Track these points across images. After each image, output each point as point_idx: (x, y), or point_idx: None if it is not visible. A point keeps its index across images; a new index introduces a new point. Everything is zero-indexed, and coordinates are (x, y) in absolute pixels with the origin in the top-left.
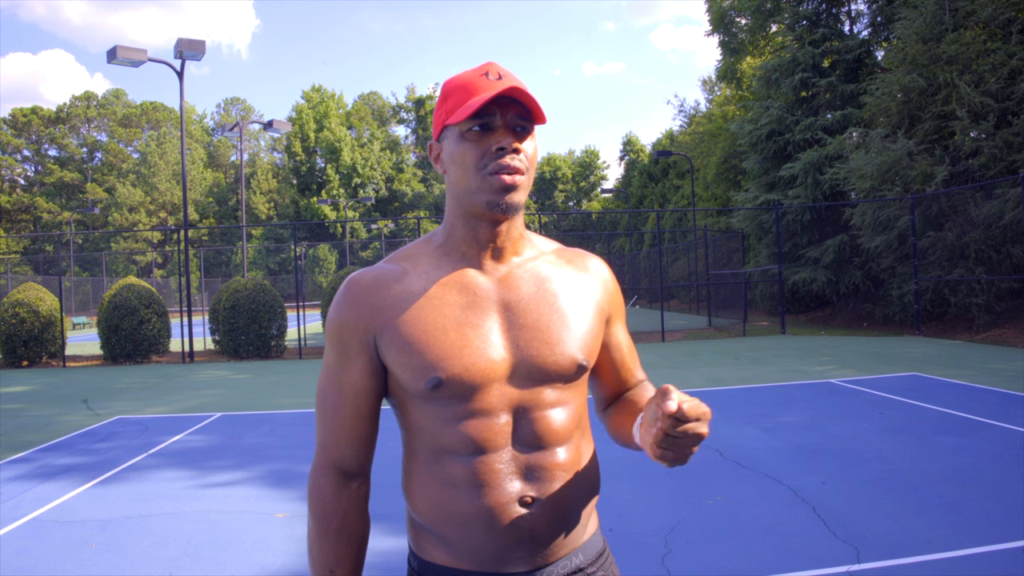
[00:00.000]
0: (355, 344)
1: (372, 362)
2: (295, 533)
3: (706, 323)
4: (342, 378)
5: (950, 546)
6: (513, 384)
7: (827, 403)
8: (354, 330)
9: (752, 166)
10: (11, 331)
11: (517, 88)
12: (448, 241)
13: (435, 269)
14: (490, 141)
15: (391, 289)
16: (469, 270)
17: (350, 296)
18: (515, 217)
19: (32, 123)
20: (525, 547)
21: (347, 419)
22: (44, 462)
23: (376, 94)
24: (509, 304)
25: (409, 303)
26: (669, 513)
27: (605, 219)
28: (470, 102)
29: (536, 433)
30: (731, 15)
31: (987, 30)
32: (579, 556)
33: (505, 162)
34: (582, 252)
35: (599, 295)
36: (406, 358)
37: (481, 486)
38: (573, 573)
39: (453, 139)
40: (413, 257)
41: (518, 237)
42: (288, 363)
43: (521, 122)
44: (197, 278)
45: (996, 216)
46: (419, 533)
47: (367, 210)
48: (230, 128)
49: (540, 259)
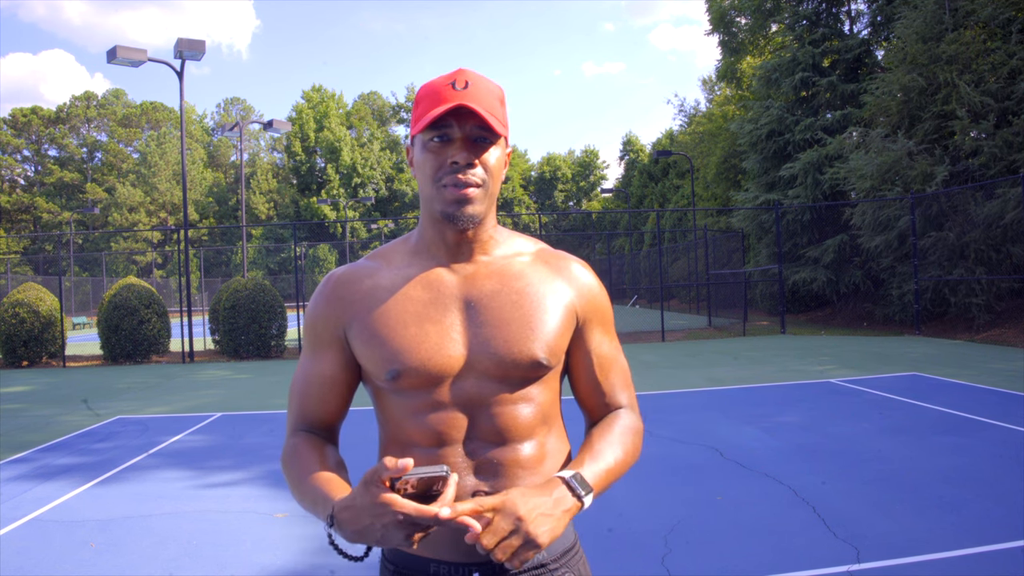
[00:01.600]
0: (326, 335)
1: (343, 353)
2: (295, 533)
3: (706, 323)
4: (311, 367)
5: (950, 546)
6: (472, 379)
7: (827, 403)
8: (325, 322)
9: (752, 166)
10: (11, 331)
11: (467, 105)
12: (420, 241)
13: (406, 267)
14: (447, 153)
15: (362, 284)
16: (437, 268)
17: (324, 291)
18: (481, 222)
19: (32, 123)
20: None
21: (312, 403)
22: (44, 462)
23: (376, 94)
24: (471, 301)
25: (377, 298)
26: (669, 513)
27: (605, 219)
28: (429, 114)
29: (496, 428)
30: (731, 15)
31: (987, 30)
32: (542, 553)
33: (458, 177)
34: (565, 255)
35: (571, 297)
36: (370, 350)
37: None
38: (535, 568)
39: (418, 147)
40: (388, 255)
41: (487, 239)
42: (288, 363)
43: (481, 132)
44: (197, 278)
45: (996, 216)
46: None
47: (367, 210)
48: (230, 128)
49: (514, 259)
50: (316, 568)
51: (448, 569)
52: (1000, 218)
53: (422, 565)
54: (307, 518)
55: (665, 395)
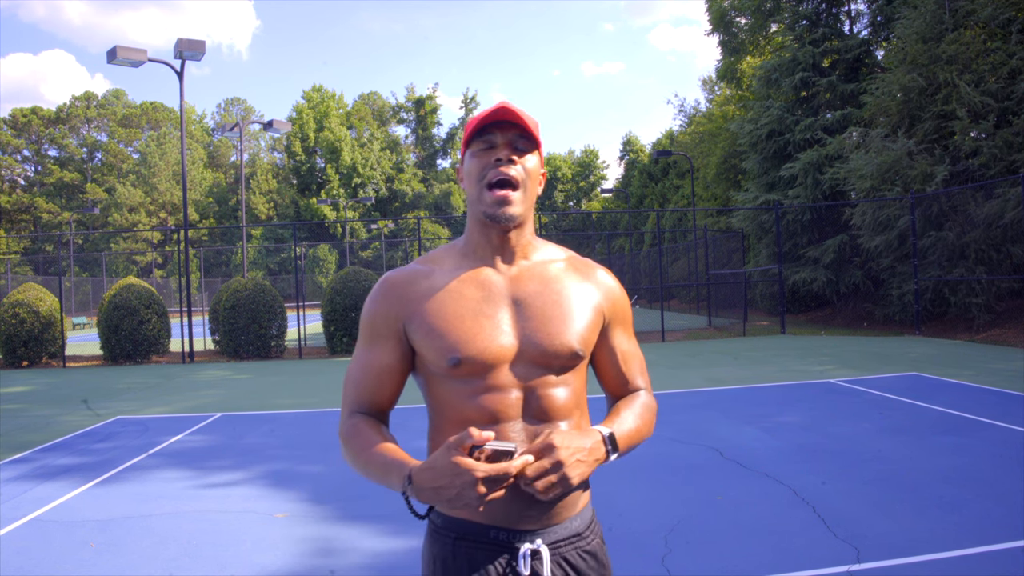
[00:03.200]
0: (385, 330)
1: (401, 346)
2: (295, 533)
3: (706, 323)
4: (370, 358)
5: (950, 546)
6: (521, 365)
7: (827, 403)
8: (385, 318)
9: (752, 166)
10: (11, 331)
11: (507, 108)
12: (467, 245)
13: (457, 268)
14: (491, 155)
15: (420, 285)
16: (485, 269)
17: (383, 291)
18: (522, 226)
19: (32, 123)
20: (534, 508)
21: (368, 390)
22: (44, 462)
23: (376, 94)
24: (518, 299)
25: (434, 296)
26: (669, 513)
27: (605, 219)
28: (477, 121)
29: (543, 408)
30: (731, 15)
31: (987, 30)
32: (577, 521)
33: (501, 169)
34: (592, 263)
35: (599, 299)
36: (431, 341)
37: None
38: (572, 536)
39: (467, 158)
40: (438, 259)
41: (526, 243)
42: (288, 363)
43: (521, 141)
44: (197, 278)
45: (996, 216)
46: None
47: (367, 210)
48: (230, 128)
49: (550, 264)
50: (316, 568)
51: (505, 534)
52: (1000, 218)
53: (481, 531)
54: (307, 518)
55: (665, 395)
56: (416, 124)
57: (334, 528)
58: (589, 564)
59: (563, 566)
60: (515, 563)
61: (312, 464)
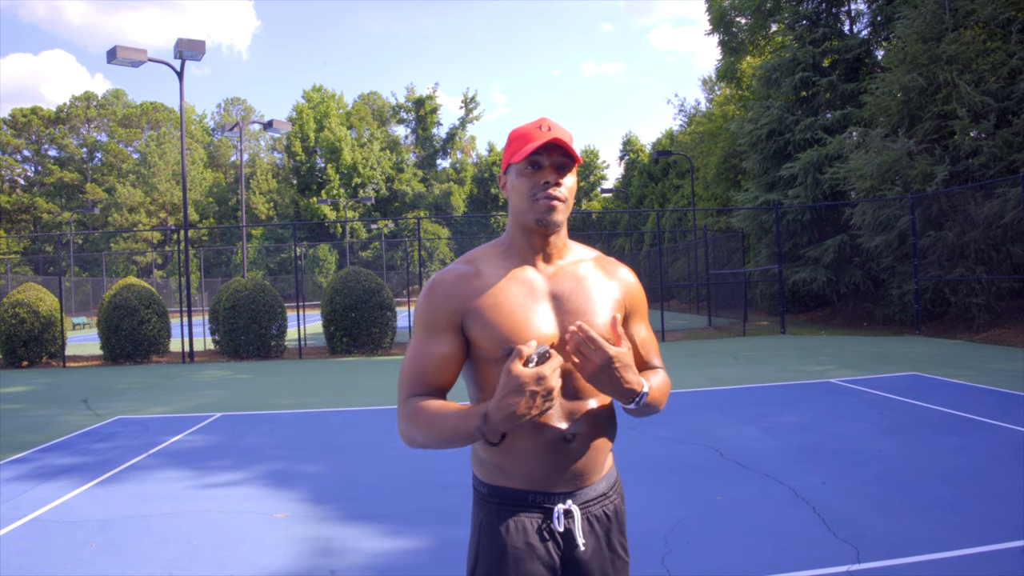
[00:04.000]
0: (444, 322)
1: (458, 337)
2: (295, 533)
3: (706, 323)
4: (432, 348)
5: (950, 546)
6: (561, 352)
7: (827, 403)
8: (445, 313)
9: (752, 166)
10: (11, 331)
11: (559, 139)
12: (510, 247)
13: (501, 268)
14: (539, 177)
15: (472, 283)
16: (527, 268)
17: (440, 289)
18: (559, 231)
19: (32, 123)
20: (567, 472)
21: (431, 374)
22: (44, 462)
23: (376, 94)
24: (556, 295)
25: (487, 293)
26: (669, 513)
27: (605, 219)
28: (526, 148)
29: (577, 387)
30: (731, 14)
31: (987, 29)
32: (603, 483)
33: (550, 192)
34: (615, 261)
35: (621, 294)
36: (488, 332)
37: (536, 426)
38: (599, 496)
39: (514, 174)
40: (483, 259)
41: (562, 246)
42: (288, 363)
43: (563, 160)
44: (197, 278)
45: (996, 216)
46: (485, 467)
47: (367, 210)
48: (230, 128)
49: (580, 263)
50: (316, 568)
51: (542, 497)
52: (1000, 218)
53: (521, 496)
54: (307, 518)
55: None
56: (416, 124)
57: (334, 528)
58: (611, 520)
59: (590, 520)
60: (550, 521)
61: (312, 464)
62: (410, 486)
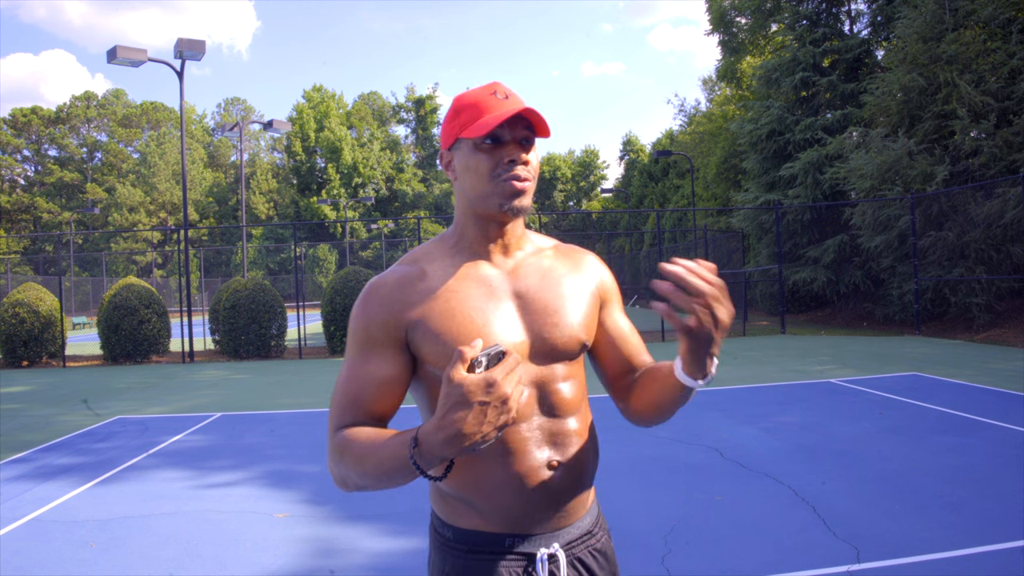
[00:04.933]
0: (382, 337)
1: (400, 354)
2: (295, 533)
3: None
4: (368, 369)
5: (950, 546)
6: (532, 361)
7: (827, 403)
8: (383, 326)
9: (752, 166)
10: (11, 331)
11: (530, 109)
12: (460, 240)
13: (451, 266)
14: (501, 153)
15: (416, 287)
16: (482, 263)
17: (378, 296)
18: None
19: (32, 123)
20: (551, 508)
21: (368, 403)
22: (44, 462)
23: (376, 94)
24: (520, 293)
25: (435, 297)
26: (669, 513)
27: (605, 219)
28: (487, 119)
29: (555, 404)
30: (731, 14)
31: (987, 29)
32: (587, 519)
33: (516, 172)
34: (577, 248)
35: (594, 284)
36: (439, 346)
37: (511, 453)
38: (584, 535)
39: (467, 150)
40: (428, 257)
41: (520, 235)
42: (288, 363)
43: (527, 134)
44: (197, 278)
45: (996, 215)
46: (450, 504)
47: (367, 210)
48: (230, 128)
49: (541, 254)
50: (316, 568)
51: (520, 541)
52: (1000, 218)
53: (496, 540)
54: (307, 518)
55: None
56: (416, 124)
57: (334, 528)
58: (600, 563)
59: (576, 567)
60: (532, 569)
61: (312, 464)
62: (410, 486)
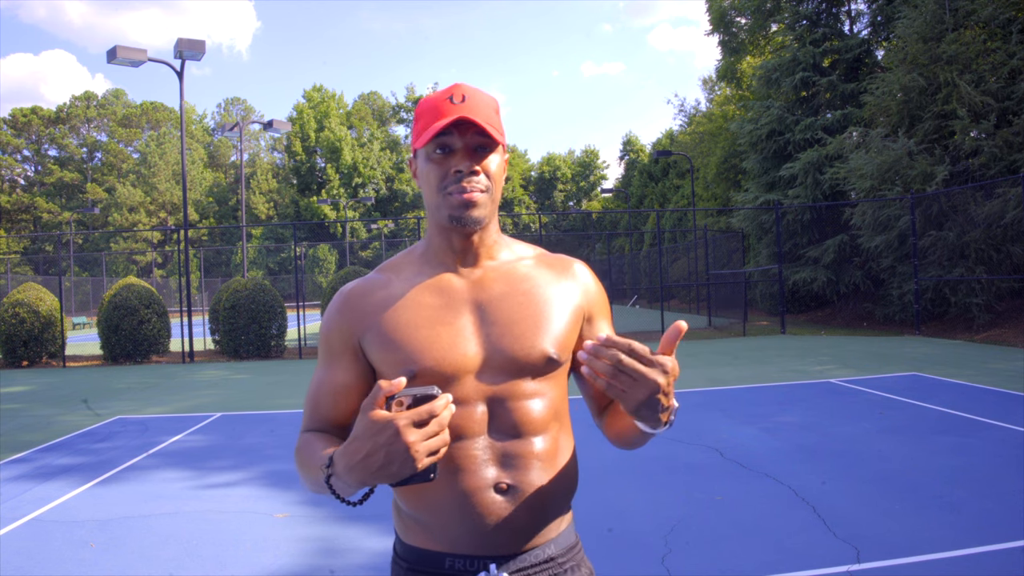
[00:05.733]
0: (340, 346)
1: (358, 363)
2: (295, 533)
3: (706, 323)
4: (326, 377)
5: (950, 546)
6: (486, 376)
7: (827, 403)
8: (340, 334)
9: (752, 166)
10: (11, 331)
11: (466, 117)
12: (428, 250)
13: (416, 276)
14: (450, 163)
15: (375, 296)
16: (446, 274)
17: (337, 305)
18: (487, 226)
19: (32, 123)
20: (502, 533)
21: (326, 410)
22: (44, 462)
23: (376, 94)
24: (481, 303)
25: (390, 307)
26: (669, 513)
27: (605, 219)
28: (431, 127)
29: (513, 422)
30: (731, 14)
31: (987, 30)
32: (551, 547)
33: (463, 184)
34: (564, 257)
35: (578, 297)
36: (385, 354)
37: (457, 471)
38: (545, 562)
39: (422, 160)
40: (397, 267)
41: (492, 243)
42: (288, 363)
43: (481, 141)
44: (197, 278)
45: (996, 216)
46: (403, 519)
47: (367, 210)
48: (230, 128)
49: (518, 263)
50: (316, 568)
51: (464, 563)
52: (1000, 218)
53: (437, 560)
54: (307, 518)
55: None
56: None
57: (334, 528)
58: None
59: None
60: None
61: None
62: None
